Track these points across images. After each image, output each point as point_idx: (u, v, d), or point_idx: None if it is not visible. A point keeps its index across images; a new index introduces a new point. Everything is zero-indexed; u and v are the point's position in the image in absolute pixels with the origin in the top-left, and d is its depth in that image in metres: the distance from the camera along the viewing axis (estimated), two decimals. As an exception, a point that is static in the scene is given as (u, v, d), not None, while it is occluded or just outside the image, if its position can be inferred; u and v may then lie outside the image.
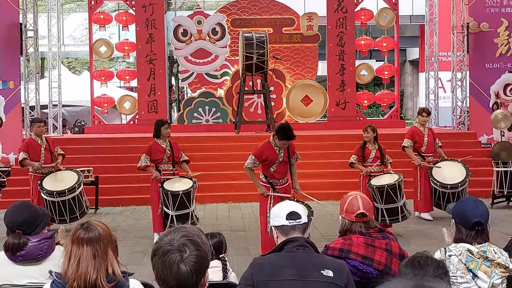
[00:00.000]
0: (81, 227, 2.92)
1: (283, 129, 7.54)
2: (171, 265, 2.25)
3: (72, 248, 2.86)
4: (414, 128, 10.73)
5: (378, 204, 8.83)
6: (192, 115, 17.75)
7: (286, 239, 3.38)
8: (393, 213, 8.95)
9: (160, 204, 8.72)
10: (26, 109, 16.05)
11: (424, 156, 10.40)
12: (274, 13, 18.14)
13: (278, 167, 7.60)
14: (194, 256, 2.26)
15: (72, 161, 11.83)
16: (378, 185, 8.87)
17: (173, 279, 2.25)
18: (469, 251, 3.52)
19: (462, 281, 3.45)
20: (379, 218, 8.87)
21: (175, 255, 2.26)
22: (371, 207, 3.92)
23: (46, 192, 9.34)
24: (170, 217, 8.58)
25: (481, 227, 3.63)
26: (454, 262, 3.50)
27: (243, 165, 7.79)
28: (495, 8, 16.21)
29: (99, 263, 2.81)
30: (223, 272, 3.89)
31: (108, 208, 12.04)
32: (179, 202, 8.54)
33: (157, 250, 2.31)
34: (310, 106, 17.87)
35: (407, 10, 25.63)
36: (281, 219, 3.43)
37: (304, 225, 3.45)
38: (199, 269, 2.27)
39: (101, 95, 18.08)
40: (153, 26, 17.44)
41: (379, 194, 8.82)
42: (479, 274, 3.44)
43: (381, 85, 25.13)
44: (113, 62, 30.78)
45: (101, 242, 2.86)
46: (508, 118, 14.68)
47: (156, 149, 8.84)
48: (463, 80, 17.24)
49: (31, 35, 16.13)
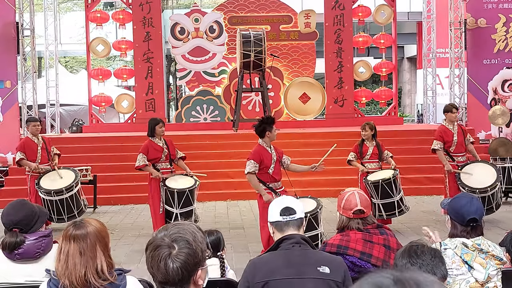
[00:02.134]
0: (73, 224, 2.94)
1: (261, 121, 7.64)
2: (159, 260, 2.27)
3: (62, 244, 2.88)
4: (442, 128, 9.88)
5: (374, 199, 8.85)
6: (190, 113, 17.74)
7: (281, 236, 3.38)
8: (390, 208, 8.96)
9: (162, 203, 8.66)
10: (24, 108, 16.02)
11: (454, 156, 9.69)
12: (271, 10, 18.13)
13: (275, 167, 7.57)
14: (183, 254, 2.27)
15: (70, 160, 11.82)
16: (373, 180, 8.88)
17: (160, 274, 2.28)
18: (464, 244, 3.55)
19: (457, 273, 3.48)
20: (376, 213, 8.90)
21: (164, 251, 2.27)
22: (369, 203, 3.92)
23: (44, 191, 9.32)
24: (174, 215, 8.53)
25: (476, 223, 3.66)
26: (450, 255, 3.52)
27: (241, 163, 7.76)
28: (493, 4, 16.20)
29: (86, 260, 2.80)
30: (220, 270, 3.88)
31: (106, 207, 12.04)
32: (184, 199, 8.52)
33: (150, 244, 2.34)
34: (308, 103, 17.87)
35: (404, 7, 25.61)
36: (275, 214, 3.44)
37: (299, 221, 3.44)
38: (186, 267, 2.27)
39: (99, 94, 18.06)
40: (150, 24, 17.41)
41: (375, 189, 8.84)
42: (474, 265, 3.47)
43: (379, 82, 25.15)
44: (111, 60, 30.74)
45: (88, 239, 2.85)
46: (506, 114, 14.67)
47: (153, 148, 8.77)
48: (461, 77, 17.23)
49: (28, 34, 16.09)
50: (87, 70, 18.80)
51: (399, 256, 2.82)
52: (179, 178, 8.88)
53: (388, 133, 14.13)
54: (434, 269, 2.71)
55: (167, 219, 8.65)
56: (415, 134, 15.16)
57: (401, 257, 2.80)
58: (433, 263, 2.73)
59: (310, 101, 17.86)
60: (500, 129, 15.24)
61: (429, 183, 12.93)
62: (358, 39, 18.54)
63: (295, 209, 3.44)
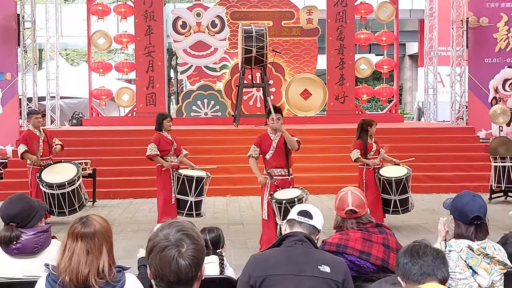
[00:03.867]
0: (79, 220, 2.88)
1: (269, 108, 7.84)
2: (170, 261, 2.24)
3: (67, 241, 2.83)
4: None
5: (392, 195, 9.01)
6: (191, 108, 17.72)
7: (285, 233, 3.40)
8: (405, 203, 9.22)
9: (173, 193, 8.72)
10: (24, 100, 15.99)
11: None
12: (273, 6, 18.10)
13: (274, 154, 7.58)
14: (192, 250, 2.26)
15: (70, 153, 11.79)
16: (396, 176, 9.01)
17: (173, 274, 2.24)
18: (469, 248, 3.48)
19: (461, 277, 3.42)
20: (391, 209, 9.12)
21: (173, 251, 2.25)
22: (363, 203, 3.88)
23: (46, 185, 9.28)
24: (188, 203, 8.68)
25: (480, 221, 3.56)
26: (454, 258, 3.46)
27: (241, 159, 7.81)
28: (495, 3, 16.17)
29: (91, 260, 2.77)
30: (220, 267, 3.88)
31: (105, 201, 12.01)
32: (200, 188, 8.71)
33: (154, 247, 2.30)
34: (309, 100, 17.85)
35: (406, 4, 25.59)
36: (293, 213, 3.54)
37: (313, 228, 3.51)
38: (197, 263, 2.27)
39: (99, 87, 18.04)
40: (152, 18, 17.37)
41: (396, 185, 8.98)
42: (479, 271, 3.40)
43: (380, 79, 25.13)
44: (112, 54, 30.70)
45: (96, 238, 2.81)
46: (506, 113, 14.63)
47: (164, 141, 8.82)
48: (462, 75, 17.21)
49: (29, 26, 16.04)
50: (88, 63, 18.78)
51: (401, 255, 2.80)
52: (190, 169, 9.00)
53: (389, 131, 14.11)
54: (435, 270, 2.69)
55: (179, 209, 8.78)
56: (415, 132, 15.14)
57: (403, 256, 2.79)
58: (434, 264, 2.70)
59: (311, 97, 17.83)
60: (500, 128, 15.22)
61: (429, 181, 12.92)
62: (360, 36, 18.50)
63: (313, 216, 3.53)
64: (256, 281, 3.20)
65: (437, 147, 14.05)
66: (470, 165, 13.47)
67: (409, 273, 2.71)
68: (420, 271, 2.69)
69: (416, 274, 2.69)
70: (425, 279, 2.67)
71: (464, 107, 17.07)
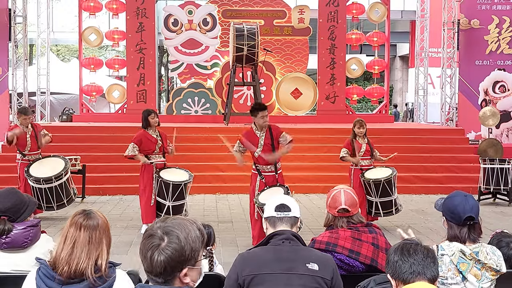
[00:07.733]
0: (82, 212, 2.94)
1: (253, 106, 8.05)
2: (147, 250, 2.30)
3: (70, 230, 2.86)
4: None
5: (372, 197, 8.93)
6: (181, 105, 17.70)
7: (273, 232, 3.39)
8: (388, 206, 9.06)
9: (153, 195, 8.62)
10: (14, 96, 15.91)
11: None
12: (265, 5, 18.11)
13: (262, 151, 7.68)
14: (170, 248, 2.27)
15: (60, 149, 11.75)
16: (374, 178, 8.91)
17: (145, 263, 2.32)
18: (462, 252, 3.42)
19: (452, 282, 3.35)
20: (373, 211, 8.99)
21: (153, 241, 2.30)
22: (355, 202, 3.87)
23: (33, 179, 9.25)
24: (166, 207, 8.50)
25: (473, 221, 3.50)
26: (446, 262, 3.41)
27: (231, 157, 7.86)
28: (486, 5, 16.26)
29: (91, 251, 2.81)
30: (209, 265, 3.88)
31: (95, 197, 11.98)
32: (178, 193, 8.49)
33: (146, 231, 2.38)
34: (300, 99, 17.88)
35: (398, 5, 25.69)
36: (270, 210, 3.49)
37: (293, 219, 3.47)
38: (170, 262, 2.27)
39: (90, 84, 17.98)
40: (144, 15, 17.34)
41: (375, 187, 8.88)
42: (469, 277, 3.36)
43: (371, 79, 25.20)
44: (103, 50, 30.61)
45: (98, 231, 2.87)
46: (496, 116, 14.74)
47: (147, 140, 8.68)
48: (452, 77, 17.30)
49: (20, 21, 15.97)
50: (78, 59, 18.69)
51: (391, 253, 2.80)
52: (174, 170, 8.85)
53: (379, 131, 14.16)
54: (425, 269, 2.69)
55: (158, 211, 8.61)
56: (405, 133, 15.19)
57: (393, 253, 2.78)
58: (424, 263, 2.71)
59: (302, 96, 17.86)
60: (490, 130, 15.32)
61: (418, 181, 12.97)
62: (352, 36, 18.55)
63: (291, 207, 3.49)
64: (245, 279, 3.21)
65: (427, 148, 14.10)
66: (459, 167, 13.54)
67: (399, 271, 2.72)
68: (410, 270, 2.69)
69: (406, 273, 2.69)
70: (415, 278, 2.68)
71: (454, 108, 17.16)
